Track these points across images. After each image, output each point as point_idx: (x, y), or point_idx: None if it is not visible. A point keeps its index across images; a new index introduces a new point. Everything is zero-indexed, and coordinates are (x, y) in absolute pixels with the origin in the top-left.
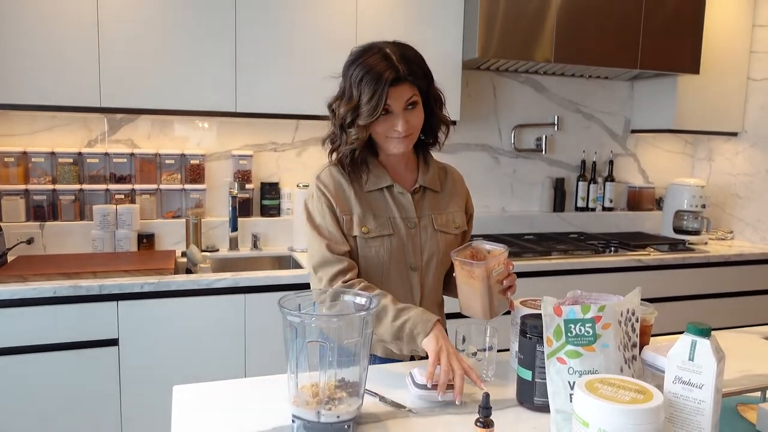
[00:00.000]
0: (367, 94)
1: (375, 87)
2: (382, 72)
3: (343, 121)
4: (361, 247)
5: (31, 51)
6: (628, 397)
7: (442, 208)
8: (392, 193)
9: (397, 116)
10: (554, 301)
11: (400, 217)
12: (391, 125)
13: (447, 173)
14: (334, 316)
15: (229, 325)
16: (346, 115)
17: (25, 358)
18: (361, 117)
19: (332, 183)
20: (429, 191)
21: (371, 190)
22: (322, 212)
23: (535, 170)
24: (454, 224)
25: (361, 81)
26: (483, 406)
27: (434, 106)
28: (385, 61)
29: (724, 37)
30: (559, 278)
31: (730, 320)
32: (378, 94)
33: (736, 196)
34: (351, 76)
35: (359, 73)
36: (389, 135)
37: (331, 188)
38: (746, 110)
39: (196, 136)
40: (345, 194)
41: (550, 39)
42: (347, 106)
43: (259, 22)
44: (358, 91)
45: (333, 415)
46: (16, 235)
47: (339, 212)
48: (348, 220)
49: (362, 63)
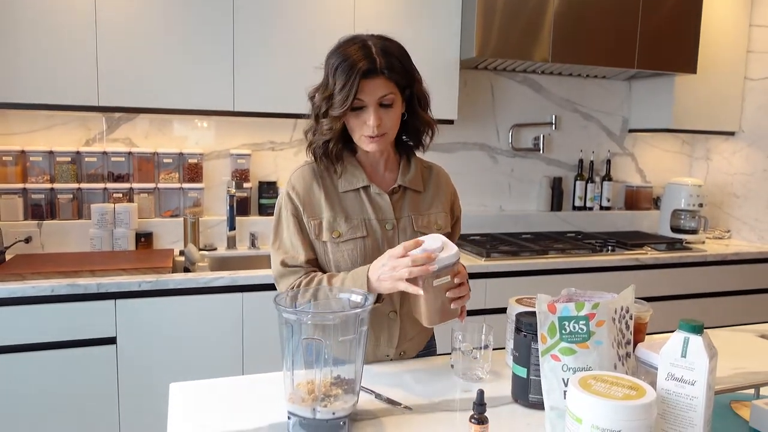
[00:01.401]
0: (339, 83)
1: (347, 76)
2: (356, 62)
3: (318, 111)
4: (333, 251)
5: (29, 50)
6: (621, 394)
7: (424, 209)
8: (368, 193)
9: (369, 112)
10: (548, 298)
11: (377, 219)
12: (363, 121)
13: (432, 172)
14: (329, 313)
15: (227, 323)
16: (321, 104)
17: (23, 357)
18: (333, 107)
19: (302, 186)
20: (410, 191)
21: (346, 190)
22: (287, 220)
23: (533, 169)
24: (436, 225)
25: (336, 69)
26: (477, 403)
27: (417, 107)
28: (363, 51)
29: (721, 36)
30: (556, 277)
31: (726, 319)
32: (349, 84)
33: (734, 196)
34: (329, 64)
35: (335, 62)
36: (362, 132)
37: (301, 192)
38: (743, 110)
39: (195, 135)
40: (314, 198)
41: (548, 38)
42: (322, 94)
43: (257, 21)
44: (333, 80)
45: (328, 412)
46: (14, 234)
47: (306, 218)
48: (317, 224)
49: (340, 52)
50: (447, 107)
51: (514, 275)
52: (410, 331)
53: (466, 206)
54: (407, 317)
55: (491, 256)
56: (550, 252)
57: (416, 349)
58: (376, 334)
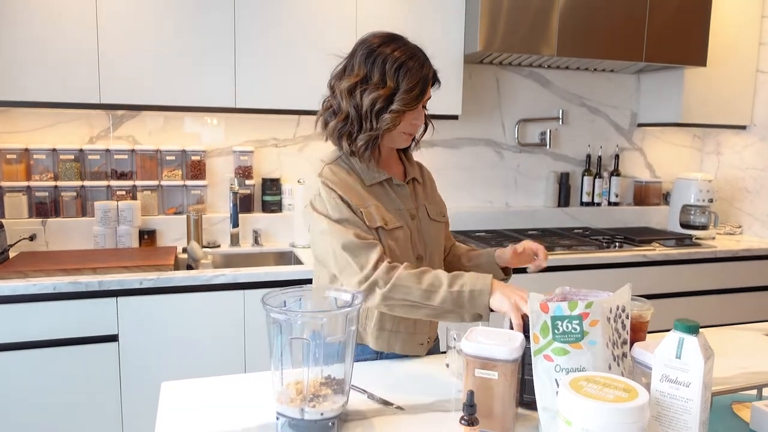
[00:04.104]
0: (409, 83)
1: (418, 77)
2: (422, 64)
3: (371, 106)
4: (384, 237)
5: (31, 48)
6: (613, 396)
7: (431, 199)
8: (391, 185)
9: (419, 112)
10: (541, 297)
11: (405, 209)
12: (412, 119)
13: (422, 167)
14: (318, 313)
15: (229, 321)
16: (375, 101)
17: (25, 354)
18: (396, 103)
19: (337, 179)
20: (416, 183)
21: (372, 183)
22: (338, 207)
23: (540, 165)
24: (441, 213)
25: (400, 67)
26: (467, 404)
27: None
28: (423, 55)
29: (731, 28)
30: (562, 274)
31: (736, 316)
32: (422, 83)
33: (745, 190)
34: (384, 61)
35: (399, 59)
36: (406, 130)
37: (339, 183)
38: (755, 103)
39: (197, 133)
40: (353, 189)
41: (554, 32)
42: (379, 92)
43: (259, 16)
44: (393, 79)
45: (317, 413)
46: (18, 232)
47: (354, 205)
48: (367, 213)
49: (401, 49)
50: (451, 102)
51: (519, 272)
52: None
53: (472, 202)
54: None
55: None
56: (556, 248)
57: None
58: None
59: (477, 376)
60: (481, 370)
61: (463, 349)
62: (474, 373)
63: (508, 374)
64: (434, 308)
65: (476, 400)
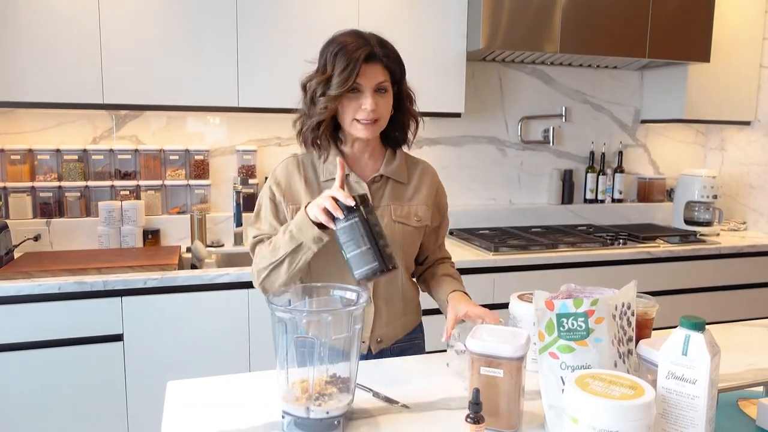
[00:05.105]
0: (340, 66)
1: (348, 59)
2: (358, 47)
3: (313, 94)
4: None
5: (34, 49)
6: (619, 393)
7: (405, 200)
8: (348, 182)
9: (366, 96)
10: (546, 294)
11: None
12: (359, 105)
13: (418, 167)
14: (323, 311)
15: (233, 320)
16: (316, 88)
17: (30, 354)
18: (331, 88)
19: (284, 175)
20: (392, 182)
21: (327, 179)
22: (266, 206)
23: (543, 162)
24: (416, 217)
25: (336, 55)
26: (473, 402)
27: (405, 102)
28: (362, 39)
29: (735, 23)
30: (566, 271)
31: (741, 313)
32: (351, 66)
33: (749, 186)
34: (327, 51)
35: (335, 48)
36: (356, 117)
37: (282, 182)
38: (759, 98)
39: (201, 132)
40: (294, 187)
41: (557, 29)
42: (319, 78)
43: (261, 14)
44: (332, 64)
45: (322, 411)
46: (23, 232)
47: (285, 204)
48: (294, 209)
49: (340, 40)
50: (454, 100)
51: (523, 269)
52: (385, 317)
53: (476, 200)
54: (382, 303)
55: (500, 250)
56: (560, 246)
57: (394, 337)
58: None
59: (482, 374)
60: (487, 367)
61: (468, 347)
62: (479, 371)
63: (513, 372)
64: (284, 257)
65: (482, 397)
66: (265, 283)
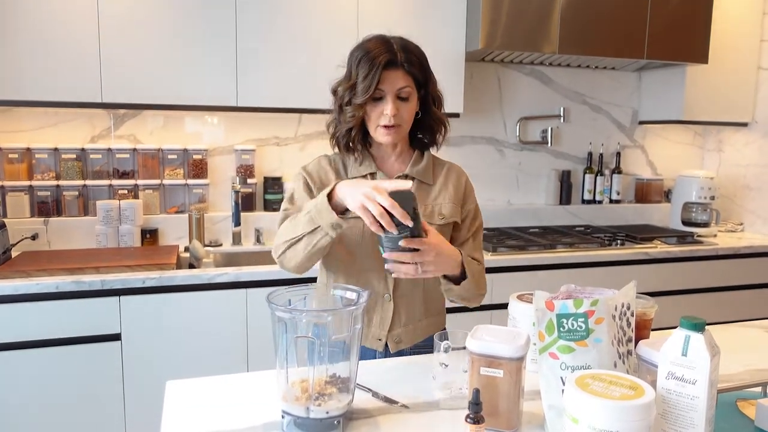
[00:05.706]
0: (362, 73)
1: (370, 66)
2: (378, 54)
3: (341, 101)
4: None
5: (33, 48)
6: (619, 393)
7: (429, 200)
8: (374, 179)
9: (387, 102)
10: (546, 295)
11: None
12: (381, 111)
13: (445, 168)
14: (323, 311)
15: (231, 319)
16: (344, 95)
17: (28, 354)
18: (356, 96)
19: (315, 169)
20: (417, 182)
21: (354, 177)
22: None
23: (541, 163)
24: (439, 215)
25: (359, 61)
26: (473, 402)
27: (432, 106)
28: (385, 45)
29: (733, 25)
30: (564, 272)
31: (738, 314)
32: (372, 73)
33: (747, 188)
34: (353, 57)
35: (359, 54)
36: (379, 122)
37: (314, 173)
38: (757, 100)
39: (199, 131)
40: (327, 176)
41: (556, 29)
42: (345, 85)
43: (260, 14)
44: (356, 71)
45: (322, 411)
46: (20, 231)
47: (316, 191)
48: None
49: (363, 46)
50: (453, 100)
51: (521, 270)
52: (404, 316)
53: None
54: (402, 302)
55: (498, 250)
56: (558, 246)
57: (413, 339)
58: (369, 315)
59: (482, 374)
60: (487, 368)
61: (468, 347)
62: (479, 371)
63: (513, 372)
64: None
65: (481, 398)
66: (282, 259)
